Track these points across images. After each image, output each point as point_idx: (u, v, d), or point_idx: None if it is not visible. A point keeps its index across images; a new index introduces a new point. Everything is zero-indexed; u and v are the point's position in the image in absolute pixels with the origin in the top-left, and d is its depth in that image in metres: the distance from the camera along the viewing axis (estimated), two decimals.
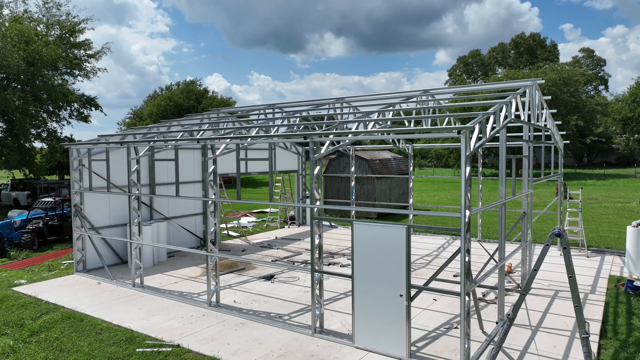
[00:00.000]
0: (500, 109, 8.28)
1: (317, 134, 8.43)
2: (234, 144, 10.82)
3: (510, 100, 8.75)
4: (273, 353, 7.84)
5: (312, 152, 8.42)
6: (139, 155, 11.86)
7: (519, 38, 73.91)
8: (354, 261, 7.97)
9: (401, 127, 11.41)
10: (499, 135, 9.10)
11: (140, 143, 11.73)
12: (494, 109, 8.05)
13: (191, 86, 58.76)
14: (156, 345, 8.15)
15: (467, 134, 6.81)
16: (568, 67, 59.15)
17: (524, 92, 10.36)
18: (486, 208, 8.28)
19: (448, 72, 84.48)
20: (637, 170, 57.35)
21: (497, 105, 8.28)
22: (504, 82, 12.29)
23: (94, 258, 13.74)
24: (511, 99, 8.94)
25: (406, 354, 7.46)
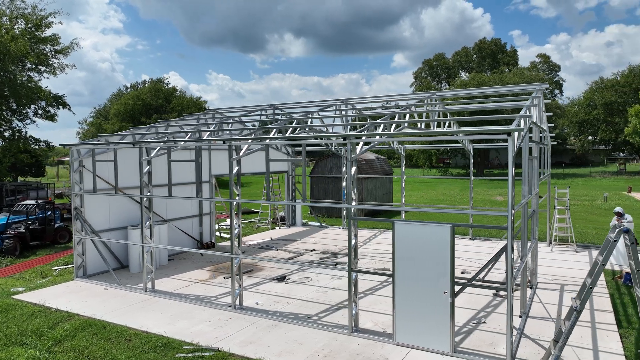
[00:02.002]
0: (529, 109, 8.67)
1: (354, 135, 8.51)
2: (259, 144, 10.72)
3: (534, 103, 9.18)
4: (317, 353, 7.87)
5: (349, 152, 8.51)
6: (150, 156, 11.51)
7: (482, 43, 76.64)
8: (395, 260, 8.12)
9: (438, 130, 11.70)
10: None
11: (153, 143, 11.40)
12: (523, 111, 8.43)
13: (159, 85, 57.16)
14: (196, 350, 7.98)
15: (514, 135, 7.11)
16: (529, 72, 61.94)
17: None
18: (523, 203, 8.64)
19: (414, 75, 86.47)
20: (592, 169, 60.84)
21: (525, 107, 8.67)
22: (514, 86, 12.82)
23: (95, 263, 13.21)
24: (534, 101, 9.37)
25: (450, 349, 7.68)
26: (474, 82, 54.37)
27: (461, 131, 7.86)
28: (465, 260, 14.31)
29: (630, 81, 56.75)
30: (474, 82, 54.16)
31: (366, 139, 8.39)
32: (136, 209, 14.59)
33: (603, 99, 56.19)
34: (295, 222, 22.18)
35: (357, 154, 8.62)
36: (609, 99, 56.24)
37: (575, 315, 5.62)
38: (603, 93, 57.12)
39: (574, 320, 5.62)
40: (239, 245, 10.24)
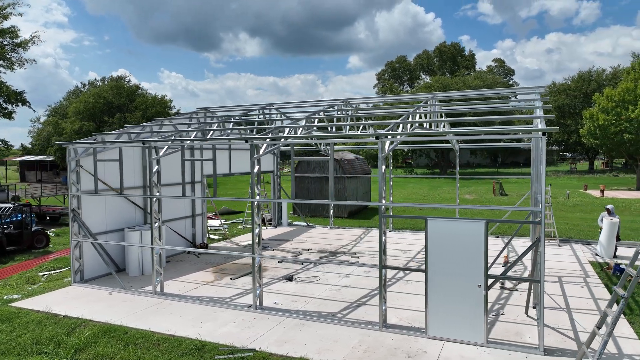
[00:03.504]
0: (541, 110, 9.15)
1: (384, 134, 8.68)
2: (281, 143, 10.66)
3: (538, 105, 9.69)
4: (356, 349, 7.96)
5: (380, 150, 8.66)
6: (159, 155, 11.18)
7: (443, 46, 79.12)
8: (428, 256, 8.35)
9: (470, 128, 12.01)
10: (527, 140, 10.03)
11: (162, 142, 11.07)
12: (538, 112, 8.90)
13: (120, 82, 55.05)
14: (233, 351, 7.87)
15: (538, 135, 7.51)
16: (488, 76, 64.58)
17: None
18: None
19: (377, 76, 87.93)
20: (547, 169, 64.21)
21: (537, 108, 9.14)
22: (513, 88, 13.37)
23: (92, 267, 12.67)
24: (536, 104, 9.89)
25: (484, 339, 8.00)
26: (437, 84, 56.06)
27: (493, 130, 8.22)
28: None
29: (580, 86, 60.45)
30: (438, 85, 55.83)
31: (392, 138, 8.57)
32: (132, 210, 14.10)
33: (556, 102, 59.49)
34: (282, 222, 22.10)
35: (386, 152, 8.80)
36: (561, 102, 59.62)
37: (623, 303, 6.06)
38: (555, 97, 60.46)
39: (621, 307, 6.05)
40: (259, 245, 10.15)
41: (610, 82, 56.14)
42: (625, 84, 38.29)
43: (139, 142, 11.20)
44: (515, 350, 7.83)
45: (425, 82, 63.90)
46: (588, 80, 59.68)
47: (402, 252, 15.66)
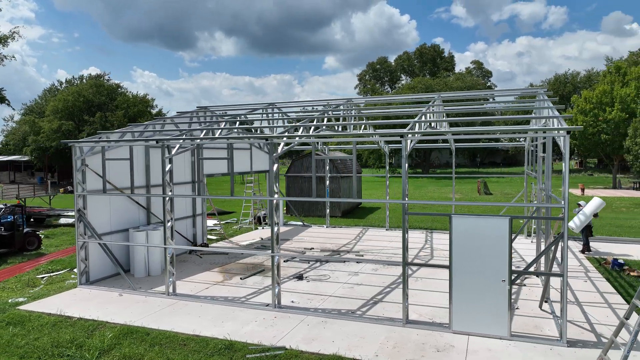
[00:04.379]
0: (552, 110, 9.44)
1: (408, 132, 8.81)
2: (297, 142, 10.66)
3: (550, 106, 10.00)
4: (385, 345, 8.06)
5: (404, 149, 8.78)
6: (172, 154, 11.03)
7: (423, 48, 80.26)
8: (453, 252, 8.52)
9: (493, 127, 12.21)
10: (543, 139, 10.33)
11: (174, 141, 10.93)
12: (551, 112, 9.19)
13: (99, 81, 53.82)
14: (264, 350, 7.85)
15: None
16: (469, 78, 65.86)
17: None
18: None
19: (358, 77, 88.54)
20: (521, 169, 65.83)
21: (550, 108, 9.44)
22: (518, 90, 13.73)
23: (98, 269, 12.40)
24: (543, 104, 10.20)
25: (508, 333, 8.21)
26: (420, 85, 56.86)
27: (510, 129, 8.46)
28: None
29: (556, 88, 62.30)
30: (420, 86, 56.63)
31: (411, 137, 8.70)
32: (135, 210, 13.86)
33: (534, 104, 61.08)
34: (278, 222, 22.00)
35: (407, 151, 8.93)
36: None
37: None
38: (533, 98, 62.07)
39: None
40: (277, 244, 10.14)
41: (585, 85, 58.09)
42: (602, 86, 39.70)
43: (152, 141, 11.02)
44: (539, 342, 8.07)
45: (408, 83, 64.71)
46: (564, 83, 61.57)
47: None
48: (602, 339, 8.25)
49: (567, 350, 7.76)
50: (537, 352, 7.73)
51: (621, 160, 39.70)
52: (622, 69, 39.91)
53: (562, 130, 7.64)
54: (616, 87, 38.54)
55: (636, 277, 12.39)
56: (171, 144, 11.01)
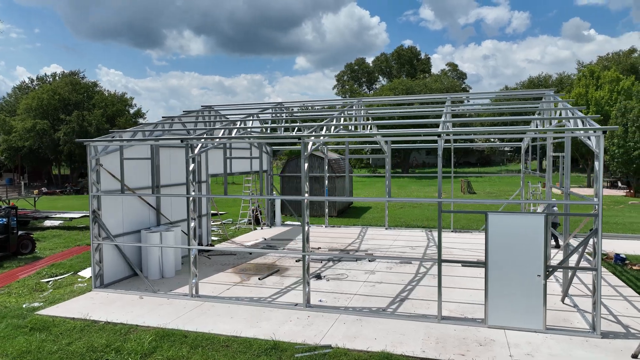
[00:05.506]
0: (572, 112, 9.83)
1: (443, 132, 8.99)
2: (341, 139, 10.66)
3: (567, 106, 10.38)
4: (428, 341, 8.19)
5: (440, 148, 8.95)
6: (195, 152, 10.86)
7: (401, 50, 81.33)
8: (489, 249, 8.74)
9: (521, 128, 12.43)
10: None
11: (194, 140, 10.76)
12: (568, 113, 9.57)
13: (75, 78, 52.10)
14: (310, 349, 7.85)
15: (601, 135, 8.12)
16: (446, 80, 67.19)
17: None
18: None
19: (336, 78, 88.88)
20: (502, 168, 67.81)
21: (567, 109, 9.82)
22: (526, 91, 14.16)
23: (112, 271, 12.08)
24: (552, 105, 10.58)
25: (543, 326, 8.49)
26: (401, 86, 57.65)
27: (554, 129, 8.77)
28: (469, 250, 15.49)
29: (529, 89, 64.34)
30: (401, 87, 57.42)
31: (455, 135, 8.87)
32: (146, 211, 13.56)
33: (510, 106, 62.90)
34: (275, 222, 21.96)
35: (440, 150, 9.10)
36: (515, 106, 63.13)
37: None
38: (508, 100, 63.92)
39: None
40: (307, 244, 10.14)
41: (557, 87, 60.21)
42: (577, 89, 41.26)
43: (177, 139, 10.82)
44: (574, 335, 8.38)
45: (388, 84, 65.45)
46: (537, 86, 63.59)
47: (410, 249, 16.10)
48: (630, 330, 8.64)
49: (602, 342, 8.09)
50: (574, 343, 8.03)
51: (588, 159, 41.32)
52: (595, 73, 41.61)
53: (599, 129, 7.97)
54: (590, 90, 40.15)
55: (639, 271, 13.00)
56: (194, 143, 10.84)
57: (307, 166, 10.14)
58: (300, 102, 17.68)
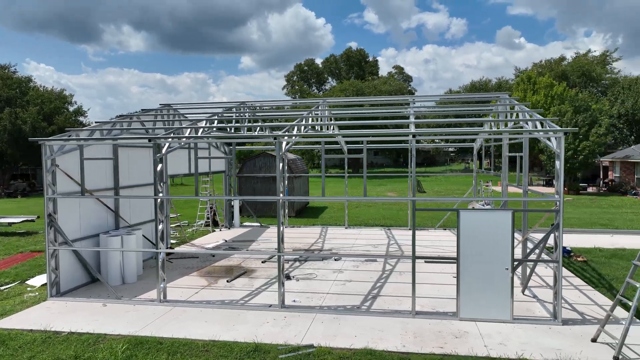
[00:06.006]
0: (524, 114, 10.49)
1: (415, 132, 9.27)
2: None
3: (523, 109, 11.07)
4: (406, 336, 8.41)
5: (413, 149, 9.22)
6: (162, 153, 10.46)
7: (350, 52, 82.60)
8: (460, 245, 9.11)
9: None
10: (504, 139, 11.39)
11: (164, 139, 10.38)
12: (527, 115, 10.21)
13: (5, 73, 48.29)
14: (293, 349, 7.82)
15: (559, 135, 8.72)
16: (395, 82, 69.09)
17: None
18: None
19: (285, 78, 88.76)
20: (447, 168, 70.69)
21: (525, 112, 10.47)
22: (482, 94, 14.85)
23: (69, 278, 11.37)
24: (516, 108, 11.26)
25: (510, 317, 8.99)
26: (351, 87, 58.57)
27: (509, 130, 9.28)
28: (430, 247, 16.05)
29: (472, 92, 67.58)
30: (351, 88, 58.34)
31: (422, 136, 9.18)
32: (104, 213, 12.89)
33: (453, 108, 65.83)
34: (234, 223, 21.60)
35: (414, 150, 9.38)
36: (459, 109, 66.11)
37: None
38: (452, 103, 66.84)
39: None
40: (282, 245, 10.08)
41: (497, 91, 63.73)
42: (516, 93, 43.88)
43: (144, 139, 10.37)
44: (537, 323, 8.94)
45: (339, 85, 66.23)
46: (479, 89, 66.94)
47: (373, 247, 16.42)
48: (586, 316, 9.34)
49: (564, 329, 8.69)
50: (539, 331, 8.57)
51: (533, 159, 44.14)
52: (532, 79, 44.47)
53: (560, 131, 8.56)
54: (528, 94, 42.84)
55: (583, 262, 14.07)
56: (162, 142, 10.44)
57: (282, 166, 10.07)
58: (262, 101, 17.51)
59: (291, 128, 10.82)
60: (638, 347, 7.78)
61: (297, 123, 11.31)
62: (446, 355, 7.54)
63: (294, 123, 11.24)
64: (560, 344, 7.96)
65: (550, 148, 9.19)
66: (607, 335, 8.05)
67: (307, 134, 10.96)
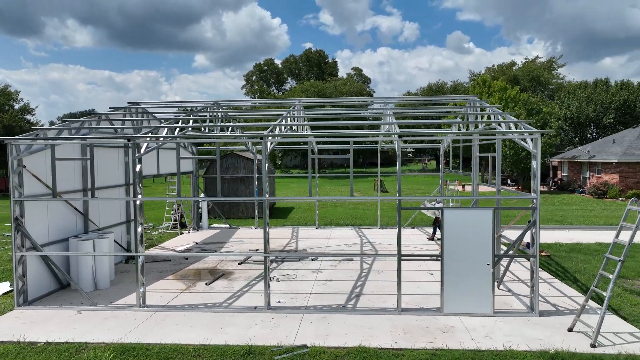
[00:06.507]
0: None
1: (400, 133, 9.46)
2: None
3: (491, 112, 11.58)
4: (396, 333, 8.57)
5: (399, 149, 9.40)
6: (141, 153, 10.10)
7: (309, 53, 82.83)
8: (444, 243, 9.40)
9: None
10: None
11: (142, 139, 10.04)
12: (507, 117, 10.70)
13: None
14: (287, 350, 7.79)
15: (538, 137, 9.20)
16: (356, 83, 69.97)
17: None
18: None
19: (245, 78, 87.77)
20: (406, 168, 72.28)
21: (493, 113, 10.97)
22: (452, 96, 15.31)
23: (36, 286, 10.75)
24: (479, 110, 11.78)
25: (491, 310, 9.37)
26: (313, 88, 58.78)
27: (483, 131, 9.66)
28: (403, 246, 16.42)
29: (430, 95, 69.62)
30: (313, 89, 58.54)
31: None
32: (73, 217, 12.28)
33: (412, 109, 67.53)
34: (202, 225, 21.15)
35: (399, 150, 9.59)
36: (417, 110, 67.89)
37: (620, 265, 7.91)
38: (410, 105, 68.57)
39: (619, 269, 7.89)
40: (268, 245, 10.00)
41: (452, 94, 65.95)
42: None
43: (122, 138, 9.97)
44: (517, 316, 9.37)
45: (300, 86, 66.26)
46: (435, 92, 69.00)
47: (347, 247, 16.59)
48: (559, 308, 9.88)
49: (541, 320, 9.16)
50: (519, 323, 8.98)
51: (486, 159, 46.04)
52: (487, 82, 46.32)
53: (537, 132, 9.01)
54: (484, 97, 44.54)
55: (547, 257, 14.85)
56: (141, 142, 10.09)
57: (266, 167, 9.98)
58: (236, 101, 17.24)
59: (274, 128, 10.76)
60: (609, 335, 8.33)
61: (279, 123, 11.26)
62: (438, 350, 7.76)
63: (276, 123, 11.18)
64: (542, 335, 8.39)
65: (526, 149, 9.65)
66: (582, 324, 8.56)
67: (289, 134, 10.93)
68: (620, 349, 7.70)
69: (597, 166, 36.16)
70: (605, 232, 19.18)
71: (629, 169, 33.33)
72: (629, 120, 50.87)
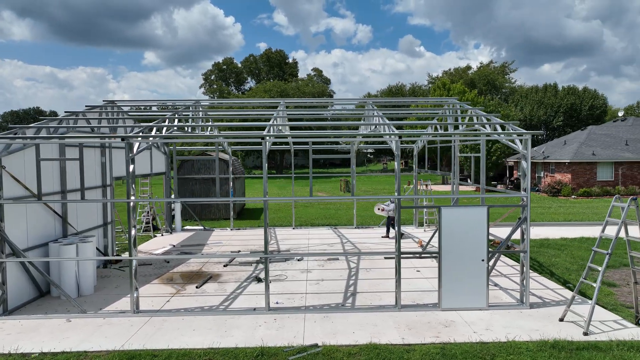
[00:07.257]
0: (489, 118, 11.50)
1: (397, 133, 9.69)
2: None
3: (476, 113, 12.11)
4: (401, 329, 8.76)
5: (398, 149, 9.62)
6: (134, 153, 9.75)
7: (270, 52, 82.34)
8: (442, 240, 9.71)
9: None
10: None
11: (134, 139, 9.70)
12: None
13: None
14: (300, 350, 7.79)
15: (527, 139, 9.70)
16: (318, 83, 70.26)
17: None
18: None
19: (203, 77, 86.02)
20: (366, 168, 73.39)
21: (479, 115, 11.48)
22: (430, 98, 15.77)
23: (16, 294, 10.13)
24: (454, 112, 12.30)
25: (486, 304, 9.78)
26: (276, 88, 58.51)
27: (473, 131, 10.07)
28: (382, 244, 16.75)
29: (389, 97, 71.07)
30: (276, 89, 58.28)
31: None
32: (51, 220, 11.65)
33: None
34: (175, 228, 20.59)
35: (398, 151, 9.81)
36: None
37: (608, 258, 8.48)
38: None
39: (607, 261, 8.46)
40: (267, 247, 9.93)
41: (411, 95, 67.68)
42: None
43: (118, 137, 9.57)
44: (509, 308, 9.83)
45: (262, 85, 65.71)
46: (395, 94, 70.57)
47: (329, 246, 16.72)
48: (545, 300, 10.45)
49: (533, 312, 9.66)
50: (513, 316, 9.43)
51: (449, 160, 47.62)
52: (447, 85, 47.99)
53: (527, 134, 9.50)
54: None
55: None
56: (133, 141, 9.73)
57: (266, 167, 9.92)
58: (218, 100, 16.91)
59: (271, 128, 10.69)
60: (596, 323, 8.92)
61: (273, 123, 11.21)
62: (447, 344, 8.02)
63: (270, 123, 11.12)
64: (536, 325, 8.85)
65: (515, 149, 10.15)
66: (572, 314, 9.10)
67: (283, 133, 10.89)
68: (611, 336, 8.27)
69: (550, 166, 38.29)
70: (568, 228, 20.42)
71: (580, 169, 35.55)
72: (575, 123, 54.24)
